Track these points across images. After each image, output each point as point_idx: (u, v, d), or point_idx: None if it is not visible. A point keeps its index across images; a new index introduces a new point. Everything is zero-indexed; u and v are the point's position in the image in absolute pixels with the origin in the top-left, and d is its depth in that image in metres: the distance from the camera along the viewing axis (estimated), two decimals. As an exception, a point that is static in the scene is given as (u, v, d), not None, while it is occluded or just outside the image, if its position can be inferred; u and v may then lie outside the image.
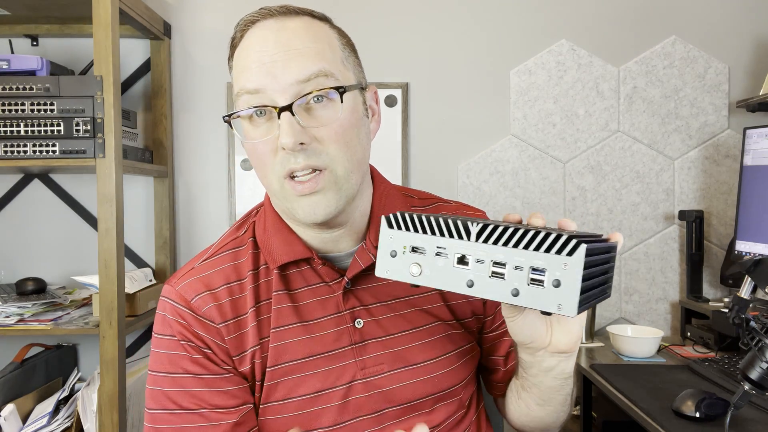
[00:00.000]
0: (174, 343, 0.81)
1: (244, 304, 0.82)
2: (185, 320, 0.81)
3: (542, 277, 0.52)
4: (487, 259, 0.54)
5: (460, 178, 1.99)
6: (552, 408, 0.84)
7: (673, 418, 1.19)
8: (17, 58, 1.56)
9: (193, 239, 1.99)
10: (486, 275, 0.55)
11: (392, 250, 0.59)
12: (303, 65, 0.75)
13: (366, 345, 0.83)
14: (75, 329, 1.53)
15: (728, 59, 1.97)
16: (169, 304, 0.82)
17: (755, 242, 1.66)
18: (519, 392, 0.86)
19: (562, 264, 0.51)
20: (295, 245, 0.83)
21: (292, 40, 0.76)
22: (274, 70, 0.74)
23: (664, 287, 1.99)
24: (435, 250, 0.57)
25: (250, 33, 0.80)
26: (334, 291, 0.83)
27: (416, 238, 0.58)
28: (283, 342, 0.81)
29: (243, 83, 0.76)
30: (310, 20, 0.80)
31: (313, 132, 0.75)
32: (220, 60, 1.97)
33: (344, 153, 0.76)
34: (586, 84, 1.98)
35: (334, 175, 0.76)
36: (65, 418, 1.63)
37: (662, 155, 1.98)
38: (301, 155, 0.74)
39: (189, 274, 0.84)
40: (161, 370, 0.81)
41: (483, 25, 1.98)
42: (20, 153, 1.53)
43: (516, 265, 0.53)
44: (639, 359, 1.65)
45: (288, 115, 0.73)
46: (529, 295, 0.53)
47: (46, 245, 1.97)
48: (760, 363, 0.92)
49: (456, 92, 1.98)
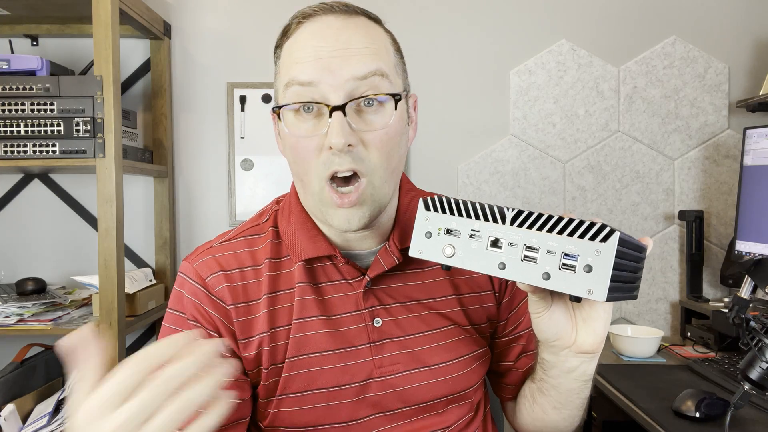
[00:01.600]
0: (182, 320, 0.81)
1: (257, 289, 0.82)
2: (198, 299, 0.81)
3: (574, 263, 0.53)
4: (521, 242, 0.56)
5: (460, 178, 1.99)
6: (568, 412, 0.84)
7: (673, 418, 1.19)
8: (17, 58, 1.56)
9: (193, 239, 1.99)
10: (518, 258, 0.56)
11: (427, 231, 0.61)
12: (361, 63, 0.75)
13: (383, 344, 0.83)
14: (75, 329, 1.53)
15: (728, 59, 1.97)
16: (186, 282, 0.83)
17: (755, 242, 1.66)
18: (535, 396, 0.86)
19: (595, 250, 0.52)
20: (319, 242, 0.83)
21: (353, 38, 0.76)
22: (331, 66, 0.74)
23: (664, 287, 1.99)
24: (469, 233, 0.59)
25: (307, 26, 0.78)
26: (354, 289, 0.84)
27: (452, 220, 0.60)
28: (306, 333, 0.81)
29: (296, 74, 0.75)
30: (367, 21, 0.80)
31: (361, 135, 0.75)
32: (220, 60, 1.97)
33: (384, 161, 0.77)
34: (586, 84, 1.98)
35: (372, 186, 0.76)
36: (65, 418, 1.63)
37: (662, 155, 1.98)
38: (346, 157, 0.74)
39: (206, 252, 0.85)
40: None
41: (483, 25, 1.98)
42: (20, 153, 1.53)
43: (548, 250, 0.54)
44: (639, 359, 1.65)
45: (340, 114, 0.73)
46: (560, 279, 0.54)
47: (46, 245, 1.97)
48: (760, 363, 0.92)
49: (456, 92, 1.98)
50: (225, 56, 1.97)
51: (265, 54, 1.96)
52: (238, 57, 1.96)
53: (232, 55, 1.96)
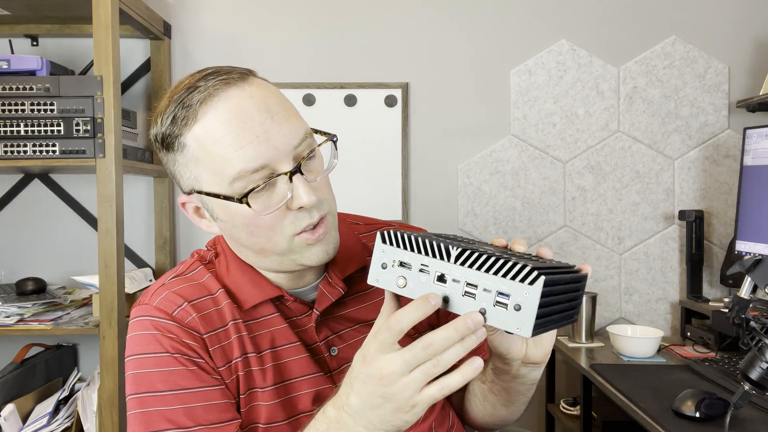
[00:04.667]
0: (166, 359, 0.77)
1: (222, 316, 0.82)
2: (173, 333, 0.78)
3: (506, 301, 0.59)
4: (462, 279, 0.62)
5: (460, 178, 1.99)
6: (515, 408, 0.90)
7: (673, 418, 1.19)
8: (17, 58, 1.56)
9: (193, 239, 1.99)
10: (460, 293, 0.62)
11: (383, 263, 0.66)
12: (292, 128, 0.77)
13: (342, 370, 0.85)
14: (75, 329, 1.53)
15: (728, 59, 1.97)
16: (149, 321, 0.79)
17: (755, 242, 1.66)
18: (486, 395, 0.90)
19: (524, 292, 0.58)
20: (263, 286, 0.84)
21: (270, 104, 0.77)
22: (270, 142, 0.74)
23: (664, 287, 1.99)
24: (419, 267, 0.64)
25: (216, 106, 0.75)
26: (305, 324, 0.86)
27: (404, 254, 0.65)
28: (285, 360, 0.83)
29: (240, 166, 0.74)
30: (260, 80, 0.80)
31: (314, 184, 0.79)
32: (220, 60, 1.97)
33: (332, 195, 0.83)
34: (586, 84, 1.98)
35: (332, 216, 0.82)
36: (65, 418, 1.63)
37: (662, 155, 1.98)
38: (315, 209, 0.78)
39: (162, 290, 0.82)
40: (152, 390, 0.77)
41: (483, 25, 1.98)
42: (20, 153, 1.53)
43: (485, 288, 0.60)
44: (639, 359, 1.65)
45: (300, 176, 0.76)
46: (494, 315, 0.60)
47: (46, 245, 1.97)
48: (760, 363, 0.92)
49: (456, 92, 1.98)
50: (225, 56, 1.97)
51: (265, 54, 1.96)
52: (238, 57, 1.96)
53: (232, 55, 1.96)
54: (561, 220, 1.99)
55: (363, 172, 1.96)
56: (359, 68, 1.97)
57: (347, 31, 1.97)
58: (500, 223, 1.99)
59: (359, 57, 1.97)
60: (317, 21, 1.97)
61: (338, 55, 1.96)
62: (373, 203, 1.96)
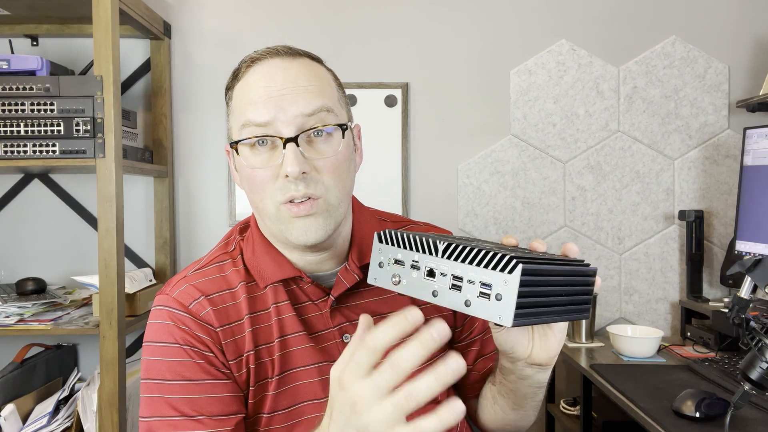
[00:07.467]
0: (176, 350, 0.82)
1: (238, 310, 0.85)
2: (186, 325, 0.83)
3: (489, 291, 0.59)
4: (449, 272, 0.62)
5: (460, 178, 1.99)
6: (524, 412, 0.90)
7: (673, 418, 1.19)
8: (17, 58, 1.56)
9: (193, 239, 1.99)
10: (447, 287, 0.62)
11: (380, 261, 0.68)
12: (309, 100, 0.81)
13: None
14: (75, 329, 1.53)
15: (728, 59, 1.97)
16: (166, 312, 0.84)
17: (755, 242, 1.66)
18: (495, 398, 0.91)
19: (503, 280, 0.58)
20: (284, 265, 0.88)
21: (299, 77, 0.83)
22: (281, 104, 0.80)
23: (664, 287, 1.99)
24: (411, 263, 0.65)
25: (256, 68, 0.85)
26: (320, 309, 0.88)
27: (398, 252, 0.66)
28: (291, 350, 0.85)
29: (250, 116, 0.81)
30: (310, 61, 0.87)
31: (313, 163, 0.81)
32: (220, 60, 1.97)
33: (337, 184, 0.83)
34: (586, 84, 1.98)
35: (327, 203, 0.82)
36: (65, 418, 1.63)
37: (662, 155, 1.98)
38: (301, 183, 0.80)
39: (183, 281, 0.87)
40: (160, 378, 0.81)
41: (483, 25, 1.98)
42: (20, 153, 1.53)
43: (470, 279, 0.61)
44: (639, 359, 1.65)
45: (293, 145, 0.80)
46: (478, 306, 0.60)
47: (46, 245, 1.97)
48: (760, 363, 0.92)
49: (456, 92, 1.99)
50: (225, 56, 1.97)
51: (265, 54, 1.96)
52: (238, 57, 1.95)
53: (232, 55, 1.96)
54: (561, 220, 1.99)
55: (363, 172, 1.94)
56: (359, 68, 1.97)
57: (347, 31, 1.97)
58: (500, 223, 1.99)
59: (359, 57, 1.97)
60: (317, 21, 1.97)
61: (338, 55, 1.96)
62: (373, 203, 1.93)
